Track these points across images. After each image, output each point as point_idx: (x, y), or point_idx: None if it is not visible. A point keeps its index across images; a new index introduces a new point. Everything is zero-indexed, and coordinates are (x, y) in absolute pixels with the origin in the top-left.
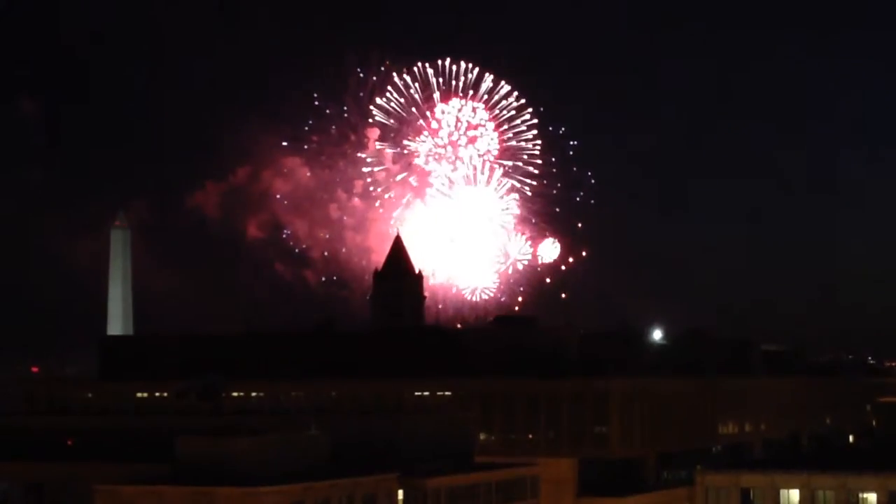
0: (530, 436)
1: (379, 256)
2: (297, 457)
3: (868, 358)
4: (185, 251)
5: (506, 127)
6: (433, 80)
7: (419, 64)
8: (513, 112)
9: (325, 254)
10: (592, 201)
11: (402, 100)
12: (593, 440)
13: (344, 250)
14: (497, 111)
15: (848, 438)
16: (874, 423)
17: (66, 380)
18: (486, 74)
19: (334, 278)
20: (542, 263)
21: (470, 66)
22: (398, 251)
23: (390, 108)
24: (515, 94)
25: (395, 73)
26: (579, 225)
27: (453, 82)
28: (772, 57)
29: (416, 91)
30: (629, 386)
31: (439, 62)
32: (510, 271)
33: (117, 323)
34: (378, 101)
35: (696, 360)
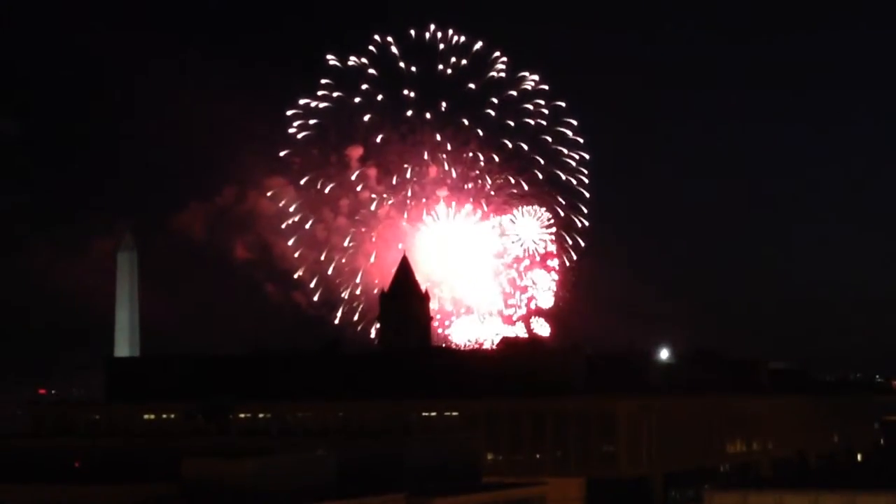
0: (537, 456)
1: (368, 277)
2: (303, 478)
3: (875, 376)
4: (172, 273)
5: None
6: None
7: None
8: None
9: (314, 274)
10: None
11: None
12: (601, 460)
13: (331, 271)
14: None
15: (856, 456)
16: (882, 441)
17: (72, 401)
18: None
19: (323, 299)
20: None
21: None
22: (405, 271)
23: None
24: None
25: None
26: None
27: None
28: None
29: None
30: (636, 405)
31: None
32: (515, 296)
33: (124, 344)
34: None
35: (703, 379)
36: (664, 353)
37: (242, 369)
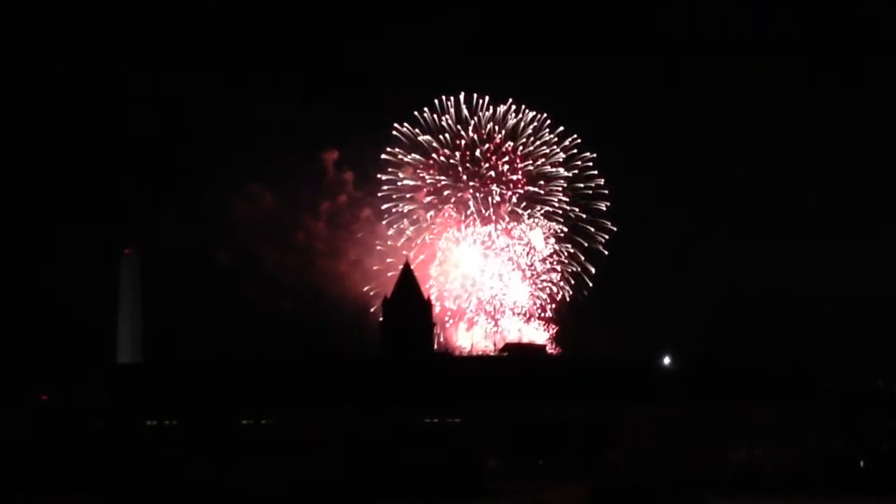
0: (540, 462)
1: (353, 283)
2: (307, 484)
3: (878, 382)
4: (171, 279)
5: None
6: None
7: None
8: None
9: (298, 280)
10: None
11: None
12: (603, 467)
13: (316, 277)
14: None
15: (858, 463)
16: (885, 447)
17: (75, 408)
18: None
19: (308, 306)
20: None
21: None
22: (407, 278)
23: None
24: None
25: None
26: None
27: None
28: None
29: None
30: (639, 412)
31: None
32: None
33: (127, 350)
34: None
35: (706, 385)
36: (667, 360)
37: (245, 376)
